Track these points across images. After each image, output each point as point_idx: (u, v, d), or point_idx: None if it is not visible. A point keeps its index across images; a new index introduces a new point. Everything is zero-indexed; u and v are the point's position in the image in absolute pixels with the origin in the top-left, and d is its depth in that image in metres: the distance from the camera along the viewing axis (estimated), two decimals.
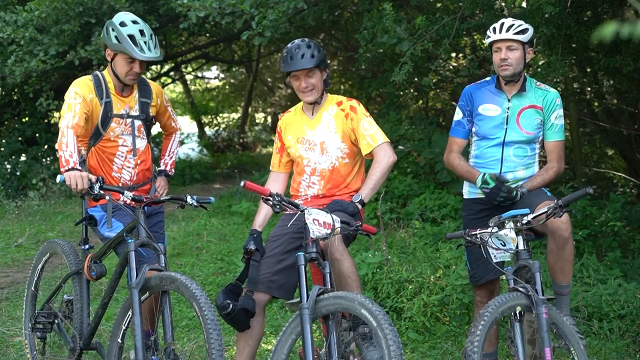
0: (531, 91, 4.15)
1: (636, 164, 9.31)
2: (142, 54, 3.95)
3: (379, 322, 3.16)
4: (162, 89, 4.44)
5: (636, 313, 5.15)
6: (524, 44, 4.06)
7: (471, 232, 3.67)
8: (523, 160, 4.14)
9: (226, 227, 8.79)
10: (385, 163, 3.92)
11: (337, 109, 4.05)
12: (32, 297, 4.59)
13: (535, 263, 3.54)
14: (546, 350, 3.33)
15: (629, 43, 6.33)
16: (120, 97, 4.13)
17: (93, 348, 4.10)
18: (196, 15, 7.12)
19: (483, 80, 4.31)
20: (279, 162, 4.21)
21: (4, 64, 9.50)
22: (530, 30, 4.09)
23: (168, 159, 4.48)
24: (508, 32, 4.02)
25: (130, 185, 4.16)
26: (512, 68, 4.05)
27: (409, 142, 9.03)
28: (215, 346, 3.31)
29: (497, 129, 4.13)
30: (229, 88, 22.04)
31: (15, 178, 11.44)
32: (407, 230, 7.31)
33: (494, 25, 4.11)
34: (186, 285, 3.44)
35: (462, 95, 4.28)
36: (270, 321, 5.49)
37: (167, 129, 4.55)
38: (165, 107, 4.42)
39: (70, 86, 4.08)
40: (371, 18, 7.37)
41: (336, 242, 3.63)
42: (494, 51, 4.11)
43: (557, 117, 4.14)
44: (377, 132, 3.98)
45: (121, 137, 4.14)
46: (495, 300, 3.43)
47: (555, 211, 3.57)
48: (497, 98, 4.16)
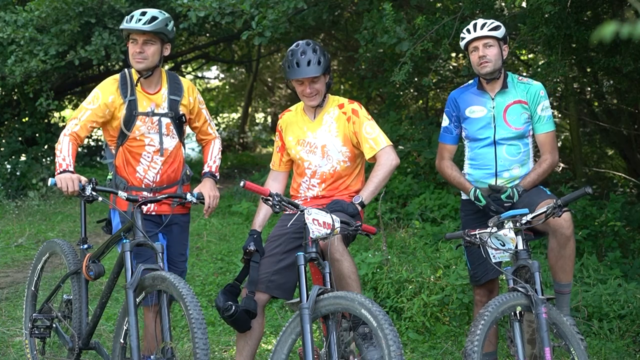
0: (514, 87, 4.16)
1: (636, 164, 9.31)
2: (130, 24, 3.87)
3: (379, 322, 3.16)
4: (194, 86, 4.25)
5: (636, 313, 5.15)
6: (499, 40, 4.09)
7: (470, 232, 3.67)
8: (517, 158, 4.14)
9: (226, 227, 8.79)
10: (388, 166, 3.91)
11: (339, 111, 4.02)
12: (32, 297, 4.58)
13: (535, 263, 3.54)
14: (546, 350, 3.34)
15: (629, 43, 6.33)
16: (146, 95, 4.01)
17: (92, 348, 4.09)
18: (196, 15, 7.12)
19: (465, 85, 4.34)
20: (280, 161, 4.19)
21: (4, 64, 9.49)
22: (502, 27, 4.12)
23: (211, 163, 4.25)
24: (483, 30, 4.07)
25: (153, 187, 4.04)
26: (492, 64, 4.07)
27: (409, 142, 9.02)
28: (200, 345, 3.31)
29: (486, 129, 4.14)
30: (229, 88, 22.03)
31: (15, 178, 11.43)
32: (407, 230, 7.31)
33: (467, 28, 4.15)
34: (174, 284, 3.43)
35: (448, 101, 4.31)
36: (270, 321, 5.49)
37: (204, 134, 4.29)
38: (200, 109, 4.20)
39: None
40: (371, 18, 7.37)
41: (336, 242, 3.63)
42: (470, 52, 4.13)
43: (543, 109, 4.13)
44: (380, 135, 3.96)
45: (147, 135, 4.01)
46: (495, 300, 3.43)
47: (555, 211, 3.57)
48: (480, 99, 4.17)
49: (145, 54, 3.92)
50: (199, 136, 4.32)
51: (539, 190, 4.07)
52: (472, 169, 4.22)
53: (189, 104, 4.13)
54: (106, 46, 9.21)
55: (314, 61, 3.84)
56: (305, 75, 3.84)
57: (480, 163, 4.18)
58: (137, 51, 3.92)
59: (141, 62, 3.93)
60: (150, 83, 4.03)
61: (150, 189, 4.01)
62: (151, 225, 3.95)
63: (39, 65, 9.13)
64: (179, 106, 4.07)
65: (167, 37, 3.98)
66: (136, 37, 3.92)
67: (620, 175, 9.68)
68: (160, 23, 3.94)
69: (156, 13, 3.95)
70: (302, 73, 3.84)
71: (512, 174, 4.14)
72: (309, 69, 3.84)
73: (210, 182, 4.15)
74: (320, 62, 3.85)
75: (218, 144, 4.33)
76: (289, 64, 3.89)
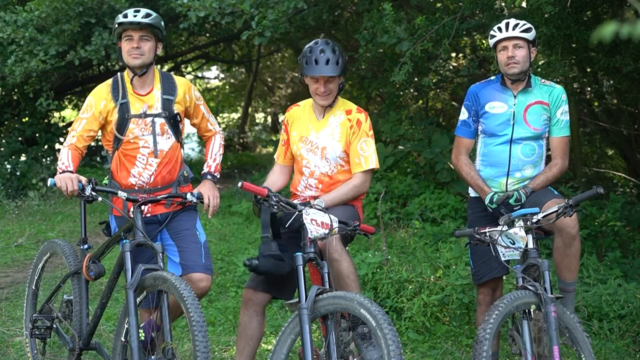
0: (537, 88, 4.15)
1: (636, 164, 9.30)
2: (125, 19, 3.87)
3: (378, 322, 3.16)
4: (191, 84, 4.17)
5: (636, 313, 5.15)
6: (529, 42, 4.07)
7: (480, 230, 3.67)
8: (531, 158, 4.13)
9: (226, 227, 8.79)
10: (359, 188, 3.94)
11: (345, 117, 3.99)
12: (33, 296, 4.58)
13: (544, 262, 3.56)
14: (554, 348, 3.36)
15: (629, 43, 6.33)
16: (138, 97, 3.97)
17: (92, 348, 4.09)
18: (196, 15, 7.12)
19: (487, 80, 4.31)
20: (285, 155, 4.17)
21: (4, 64, 9.50)
22: (533, 30, 4.10)
23: (211, 162, 4.17)
24: (515, 30, 4.03)
25: (146, 188, 3.97)
26: (520, 66, 4.05)
27: (409, 142, 9.02)
28: (200, 348, 3.32)
29: (504, 125, 4.12)
30: (229, 88, 22.03)
31: (15, 178, 11.44)
32: (407, 230, 7.31)
33: (499, 25, 4.11)
34: (175, 285, 3.43)
35: (467, 94, 4.27)
36: (270, 321, 5.49)
37: (204, 131, 4.24)
38: (197, 105, 4.13)
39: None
40: (371, 18, 7.37)
41: (334, 242, 3.63)
42: (499, 51, 4.10)
43: (562, 113, 4.14)
44: (372, 156, 3.95)
45: (141, 138, 3.95)
46: (510, 294, 3.47)
47: (566, 210, 3.60)
48: (503, 95, 4.15)
49: (142, 50, 3.91)
50: (200, 132, 4.28)
51: (546, 190, 4.07)
52: (484, 167, 4.20)
53: (184, 102, 4.07)
54: (106, 46, 9.21)
55: (332, 60, 3.83)
56: (324, 73, 3.83)
57: (493, 161, 4.16)
58: (133, 47, 3.90)
59: (138, 57, 3.91)
60: (143, 84, 3.99)
61: (144, 190, 3.96)
62: (152, 227, 3.92)
63: (39, 65, 9.13)
64: (173, 105, 4.01)
65: (161, 33, 3.99)
66: (132, 33, 3.90)
67: (620, 175, 9.67)
68: (156, 18, 3.96)
69: (149, 11, 3.97)
70: (320, 71, 3.82)
71: (523, 174, 4.12)
72: (328, 67, 3.82)
73: (209, 183, 4.11)
74: (338, 62, 3.84)
75: (219, 140, 4.25)
76: (307, 60, 3.85)
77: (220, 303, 5.97)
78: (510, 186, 4.13)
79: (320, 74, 3.83)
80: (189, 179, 4.17)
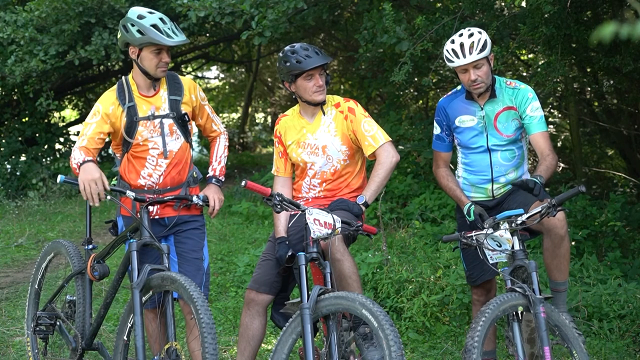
0: (502, 94, 4.07)
1: (636, 164, 9.31)
2: (170, 40, 3.77)
3: (380, 323, 3.17)
4: (196, 84, 4.12)
5: (636, 313, 5.15)
6: (487, 56, 3.98)
7: (467, 234, 3.68)
8: (512, 162, 4.12)
9: (226, 227, 8.79)
10: (388, 164, 3.91)
11: (336, 111, 4.02)
12: (36, 295, 4.58)
13: (532, 263, 3.55)
14: (545, 349, 3.36)
15: (629, 43, 6.33)
16: (145, 99, 3.91)
17: (95, 348, 4.10)
18: (196, 15, 7.12)
19: (452, 92, 4.23)
20: (285, 167, 4.13)
21: (4, 64, 9.50)
22: (487, 40, 3.97)
23: (216, 165, 4.13)
24: (472, 55, 3.90)
25: (155, 189, 3.93)
26: (484, 84, 3.99)
27: (409, 142, 9.02)
28: (209, 350, 3.32)
29: (478, 137, 4.11)
30: (229, 88, 22.02)
31: (15, 178, 11.44)
32: (407, 230, 7.31)
33: (452, 49, 3.94)
34: (185, 286, 3.43)
35: (437, 109, 4.24)
36: (271, 321, 5.48)
37: (209, 132, 4.20)
38: (202, 106, 4.07)
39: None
40: (371, 18, 7.37)
41: (337, 242, 3.63)
42: (459, 72, 4.00)
43: (533, 110, 4.01)
44: (378, 132, 3.96)
45: (150, 139, 3.90)
46: (497, 298, 3.45)
47: (549, 210, 3.57)
48: (470, 108, 4.11)
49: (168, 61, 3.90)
50: (205, 133, 4.25)
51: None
52: (467, 174, 4.20)
53: (191, 102, 4.02)
54: (106, 46, 9.21)
55: (318, 52, 3.90)
56: (319, 62, 3.85)
57: (475, 169, 4.16)
58: (165, 61, 3.86)
59: (165, 69, 3.90)
60: (149, 85, 3.94)
61: (153, 191, 3.92)
62: (157, 230, 3.89)
63: (39, 65, 9.13)
64: (181, 105, 3.97)
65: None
66: (162, 47, 3.83)
67: (620, 175, 9.68)
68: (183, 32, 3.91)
69: (176, 26, 3.90)
70: (315, 62, 3.84)
71: (508, 178, 4.12)
72: (319, 57, 3.87)
73: (215, 187, 4.07)
74: (319, 53, 3.90)
75: (223, 141, 4.22)
76: (296, 60, 3.85)
77: (220, 303, 5.98)
78: (497, 191, 4.12)
79: (317, 63, 3.85)
80: (197, 180, 4.13)
